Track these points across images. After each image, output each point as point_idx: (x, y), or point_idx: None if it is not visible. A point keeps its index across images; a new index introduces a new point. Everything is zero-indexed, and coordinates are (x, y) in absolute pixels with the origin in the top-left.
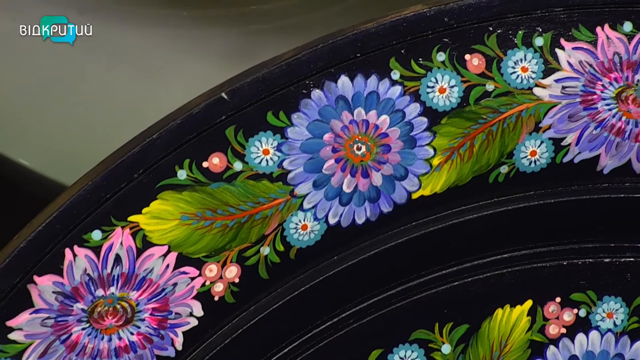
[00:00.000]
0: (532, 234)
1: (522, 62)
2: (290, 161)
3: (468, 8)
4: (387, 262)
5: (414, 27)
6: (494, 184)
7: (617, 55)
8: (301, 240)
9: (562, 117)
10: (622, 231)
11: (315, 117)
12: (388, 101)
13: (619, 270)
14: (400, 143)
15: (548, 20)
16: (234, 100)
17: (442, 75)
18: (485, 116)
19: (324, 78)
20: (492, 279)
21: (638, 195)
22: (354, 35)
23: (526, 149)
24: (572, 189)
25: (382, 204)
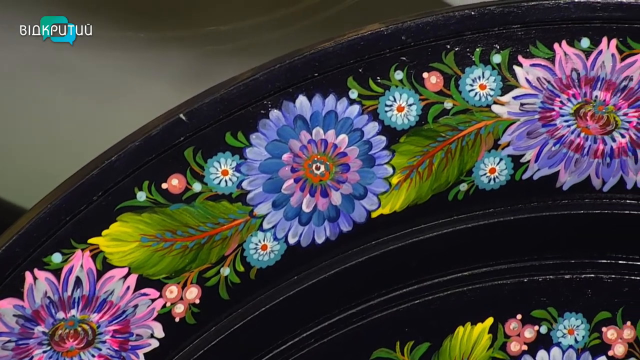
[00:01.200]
0: (492, 251)
1: (480, 79)
2: (249, 181)
3: (425, 26)
4: (348, 281)
5: (371, 46)
6: (453, 201)
7: (575, 72)
8: (261, 261)
9: (521, 134)
10: (583, 247)
11: (273, 137)
12: (346, 120)
13: (580, 287)
14: (359, 162)
15: (505, 37)
16: (192, 122)
17: (400, 94)
18: (443, 134)
19: (282, 98)
20: (452, 297)
21: (598, 211)
22: (311, 55)
23: (485, 167)
24: (531, 205)
25: (341, 223)
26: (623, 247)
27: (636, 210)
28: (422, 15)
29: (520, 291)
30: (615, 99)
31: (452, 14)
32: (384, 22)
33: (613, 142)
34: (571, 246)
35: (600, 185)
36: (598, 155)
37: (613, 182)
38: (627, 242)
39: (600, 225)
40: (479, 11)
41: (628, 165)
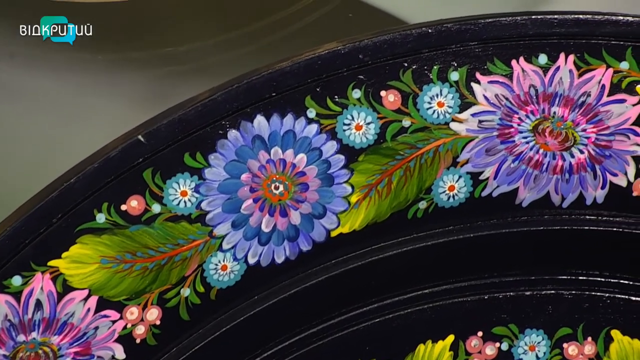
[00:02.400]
0: (452, 268)
1: (438, 97)
2: (208, 202)
3: (382, 44)
4: (308, 300)
5: (328, 65)
6: (413, 219)
7: (533, 88)
8: (221, 281)
9: (480, 151)
10: (543, 264)
11: (232, 158)
12: (305, 140)
13: (540, 303)
14: (318, 181)
15: (463, 54)
16: (150, 143)
17: (358, 112)
18: (402, 152)
19: (240, 118)
20: (413, 315)
21: (557, 227)
22: (269, 74)
23: (444, 184)
24: (491, 222)
25: (301, 242)
26: (583, 263)
27: (595, 226)
28: (380, 33)
29: (481, 308)
30: (573, 114)
31: (410, 32)
32: (341, 40)
33: (572, 158)
34: (531, 263)
35: (559, 201)
36: (557, 172)
37: (572, 198)
38: (586, 258)
39: (560, 241)
40: (436, 29)
41: (587, 181)
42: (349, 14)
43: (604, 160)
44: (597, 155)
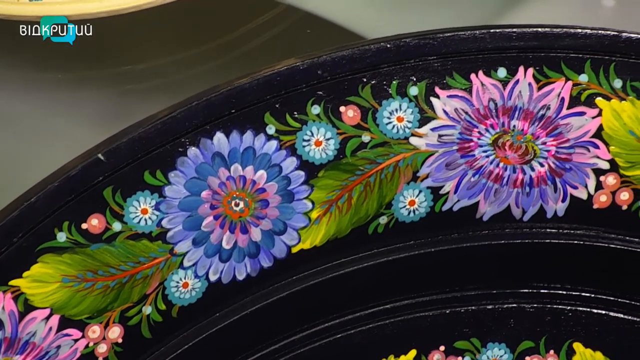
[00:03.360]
0: (413, 283)
1: (398, 112)
2: (169, 220)
3: (341, 60)
4: (270, 317)
5: (287, 81)
6: (373, 235)
7: (492, 102)
8: (183, 298)
9: (440, 166)
10: (504, 277)
11: (192, 175)
12: (264, 156)
13: (502, 317)
14: (278, 198)
15: (422, 69)
16: (110, 161)
17: (318, 128)
18: (362, 167)
19: (200, 135)
20: (375, 330)
21: (518, 240)
22: (228, 91)
23: (405, 199)
24: (452, 237)
25: (262, 259)
26: (544, 276)
27: (556, 239)
28: (338, 49)
29: (442, 323)
30: (533, 128)
31: (368, 47)
32: (299, 57)
33: (532, 171)
34: (493, 276)
35: (520, 214)
36: (517, 185)
37: (533, 212)
38: (548, 271)
39: (522, 254)
40: (394, 43)
41: (548, 194)
42: (307, 30)
43: (565, 173)
44: (557, 168)
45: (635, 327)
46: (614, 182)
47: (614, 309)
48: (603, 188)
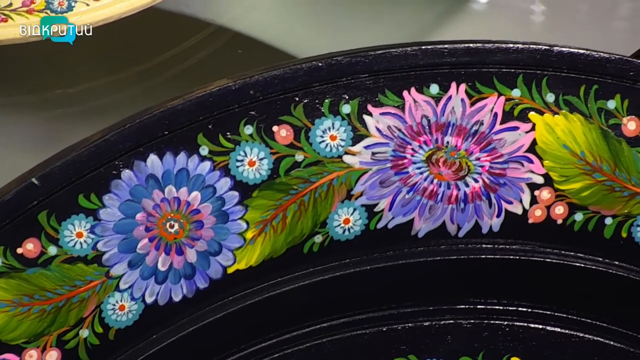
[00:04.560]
0: (350, 301)
1: (331, 130)
2: (104, 242)
3: (273, 79)
4: (206, 338)
5: (220, 102)
6: (309, 254)
7: (425, 118)
8: (119, 321)
9: (374, 184)
10: (441, 294)
11: (126, 198)
12: (198, 177)
13: (440, 333)
14: (213, 218)
15: (354, 87)
16: (44, 185)
17: (251, 148)
18: (296, 187)
19: (133, 158)
20: (312, 349)
21: (454, 257)
22: (160, 113)
23: (339, 217)
24: (387, 254)
25: (198, 280)
26: (481, 292)
27: (492, 255)
28: (270, 68)
29: (379, 340)
30: (466, 144)
31: (300, 66)
32: (231, 77)
33: (466, 187)
34: (429, 293)
35: (455, 230)
36: (452, 201)
37: (468, 227)
38: (484, 287)
39: (458, 271)
40: (326, 62)
41: (482, 209)
42: (239, 51)
43: (499, 188)
44: (491, 184)
45: (573, 340)
46: (548, 197)
47: (550, 323)
48: (538, 202)
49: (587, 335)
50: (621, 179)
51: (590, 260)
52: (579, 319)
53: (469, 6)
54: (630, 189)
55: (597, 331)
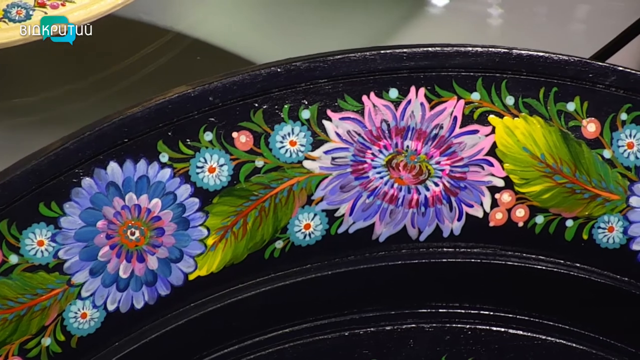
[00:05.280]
0: (311, 307)
1: (290, 136)
2: (65, 251)
3: (232, 86)
4: (169, 344)
5: (179, 109)
6: (270, 259)
7: (385, 123)
8: (81, 329)
9: (334, 188)
10: (402, 298)
11: (87, 205)
12: (158, 184)
13: (402, 337)
14: (174, 225)
15: (313, 92)
16: (5, 194)
17: (211, 155)
18: (256, 192)
19: (93, 165)
20: (274, 355)
21: (415, 261)
22: (120, 120)
23: (300, 223)
24: (348, 259)
25: (159, 287)
26: (442, 296)
27: (453, 258)
28: (229, 75)
29: (342, 345)
30: (426, 147)
31: (259, 72)
32: (190, 84)
33: (427, 191)
34: (391, 297)
35: (416, 235)
36: (413, 205)
37: (429, 231)
38: (446, 290)
39: (419, 274)
40: (285, 68)
41: (443, 213)
42: (197, 57)
43: (460, 191)
44: (452, 187)
45: (535, 343)
46: (509, 200)
47: (513, 326)
48: (498, 205)
49: (549, 337)
50: (582, 181)
51: (552, 263)
52: (541, 321)
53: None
54: (591, 190)
55: (560, 333)
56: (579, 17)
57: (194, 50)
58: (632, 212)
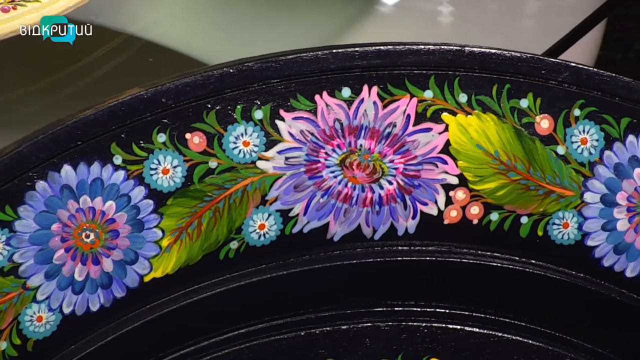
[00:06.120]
0: (267, 307)
1: (243, 136)
2: (20, 254)
3: (185, 87)
4: (125, 346)
5: (132, 111)
6: (225, 260)
7: (338, 122)
8: (38, 332)
9: (288, 188)
10: (358, 297)
11: (41, 209)
12: (113, 186)
13: (358, 336)
14: (129, 227)
15: (266, 92)
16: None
17: (165, 156)
18: (210, 193)
19: (47, 169)
20: (231, 355)
21: (370, 259)
22: (73, 123)
23: (254, 223)
24: (303, 259)
25: (114, 289)
26: (398, 294)
27: (408, 257)
28: (181, 76)
29: (298, 345)
30: (380, 146)
31: (211, 73)
32: (143, 85)
33: (381, 189)
34: (346, 296)
35: (371, 233)
36: (367, 204)
37: (384, 230)
38: (401, 289)
39: (374, 273)
40: (237, 68)
41: (398, 211)
42: (150, 59)
43: (414, 190)
44: (406, 186)
45: (491, 340)
46: (463, 197)
47: (469, 323)
48: (453, 203)
49: (505, 334)
50: (536, 177)
51: (507, 260)
52: (497, 318)
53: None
54: (545, 187)
55: (516, 330)
56: (530, 13)
57: (146, 52)
58: (586, 208)
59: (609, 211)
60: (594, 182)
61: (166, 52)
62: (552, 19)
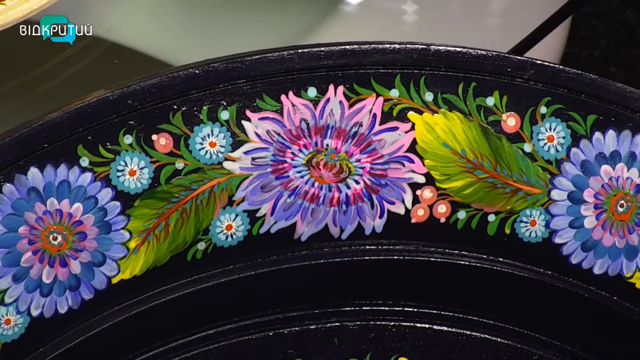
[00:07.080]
0: (235, 307)
1: (210, 137)
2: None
3: (151, 88)
4: (94, 348)
5: (98, 113)
6: (192, 261)
7: (304, 122)
8: (5, 335)
9: (255, 189)
10: (326, 296)
11: (8, 211)
12: (79, 189)
13: (326, 336)
14: (96, 229)
15: (232, 93)
16: None
17: (131, 158)
18: (177, 195)
19: (14, 171)
20: (199, 357)
21: (338, 259)
22: (39, 126)
23: (222, 224)
24: (271, 259)
25: (83, 291)
26: (366, 293)
27: (376, 256)
28: (147, 77)
29: (266, 345)
30: (346, 146)
31: (177, 74)
32: (109, 87)
33: (348, 189)
34: (314, 296)
35: (338, 233)
36: (334, 204)
37: (351, 229)
38: (369, 288)
39: (342, 273)
40: (203, 69)
41: (365, 211)
42: (115, 61)
43: (381, 189)
44: (373, 185)
45: (459, 339)
46: (430, 196)
47: (437, 322)
48: (420, 202)
49: (474, 333)
50: (503, 175)
51: (475, 258)
52: (465, 317)
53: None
54: (512, 185)
55: (484, 328)
56: (495, 11)
57: (112, 53)
58: (554, 205)
59: (576, 208)
60: (561, 179)
61: (132, 53)
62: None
